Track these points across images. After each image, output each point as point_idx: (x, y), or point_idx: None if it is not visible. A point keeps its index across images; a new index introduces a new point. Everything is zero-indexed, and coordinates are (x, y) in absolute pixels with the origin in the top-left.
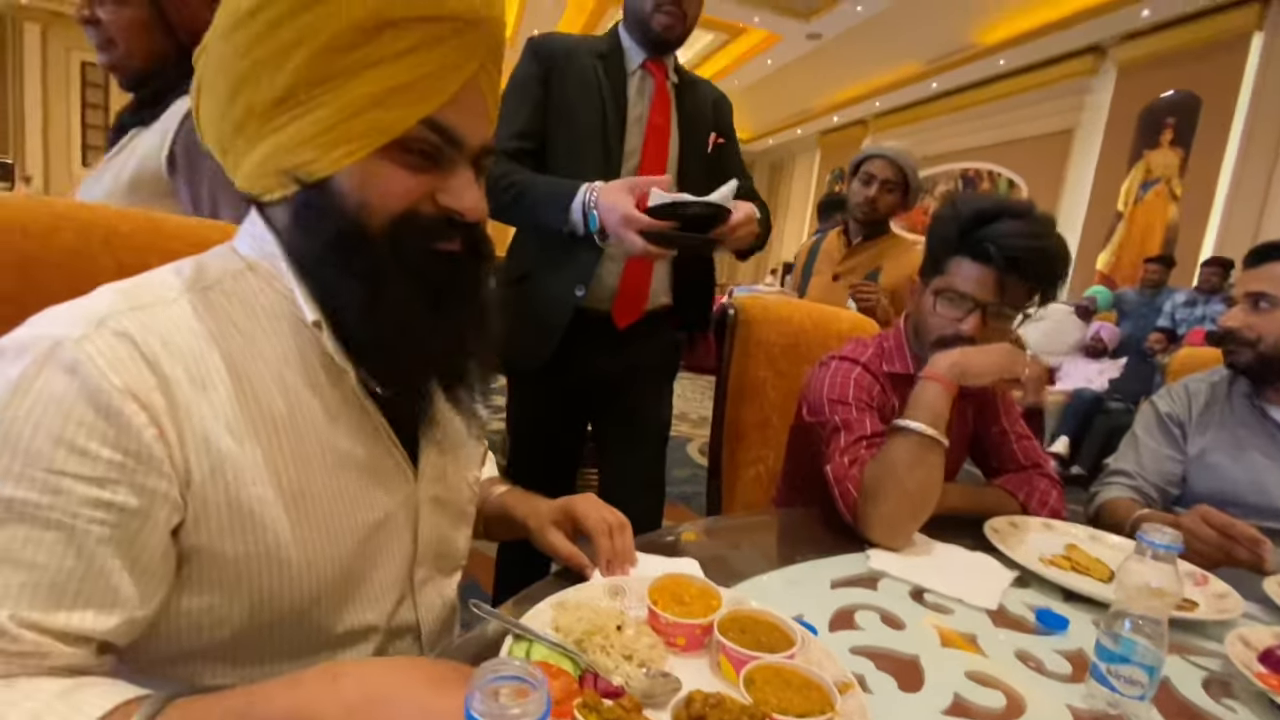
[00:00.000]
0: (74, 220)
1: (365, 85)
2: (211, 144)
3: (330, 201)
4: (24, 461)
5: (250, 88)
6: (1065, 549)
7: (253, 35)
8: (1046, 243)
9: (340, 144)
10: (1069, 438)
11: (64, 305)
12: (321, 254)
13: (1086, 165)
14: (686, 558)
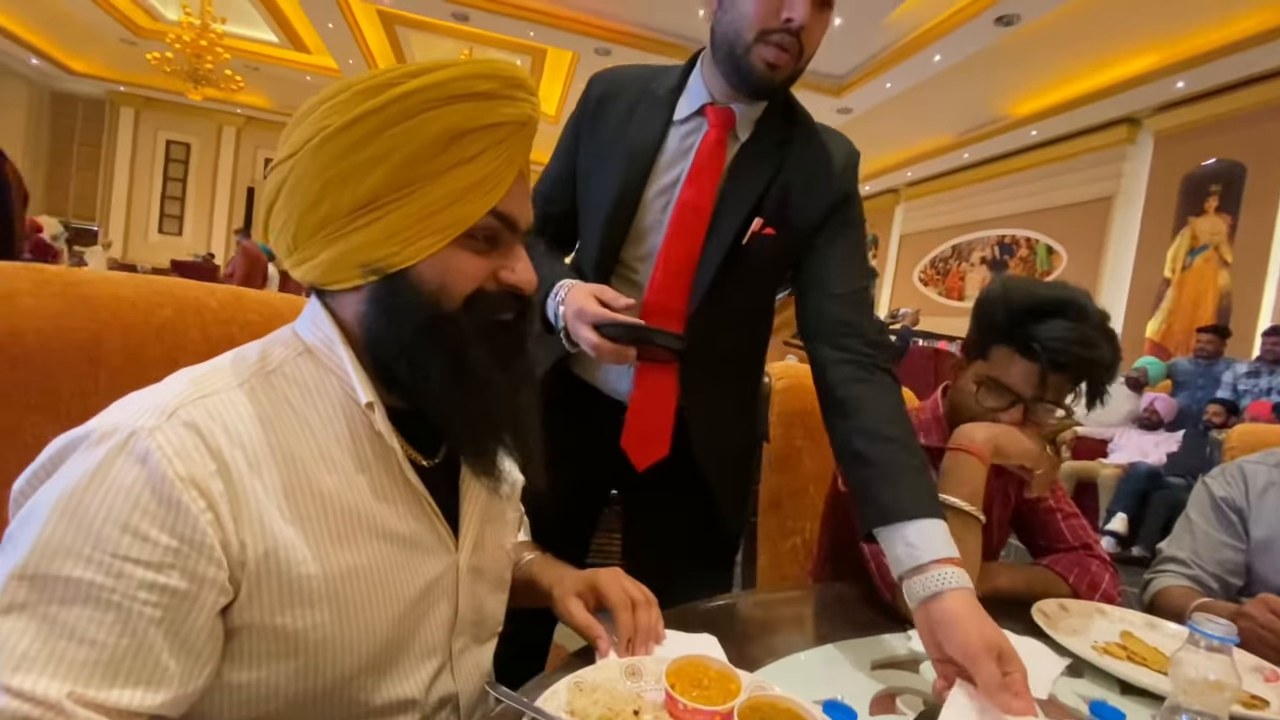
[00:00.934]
0: (172, 296)
1: (443, 187)
2: (280, 244)
3: (411, 288)
4: (93, 545)
5: (334, 194)
6: (1121, 636)
7: (341, 149)
8: (1097, 353)
9: (421, 238)
10: (1126, 515)
11: (145, 393)
12: (405, 335)
13: (1129, 232)
14: (705, 634)
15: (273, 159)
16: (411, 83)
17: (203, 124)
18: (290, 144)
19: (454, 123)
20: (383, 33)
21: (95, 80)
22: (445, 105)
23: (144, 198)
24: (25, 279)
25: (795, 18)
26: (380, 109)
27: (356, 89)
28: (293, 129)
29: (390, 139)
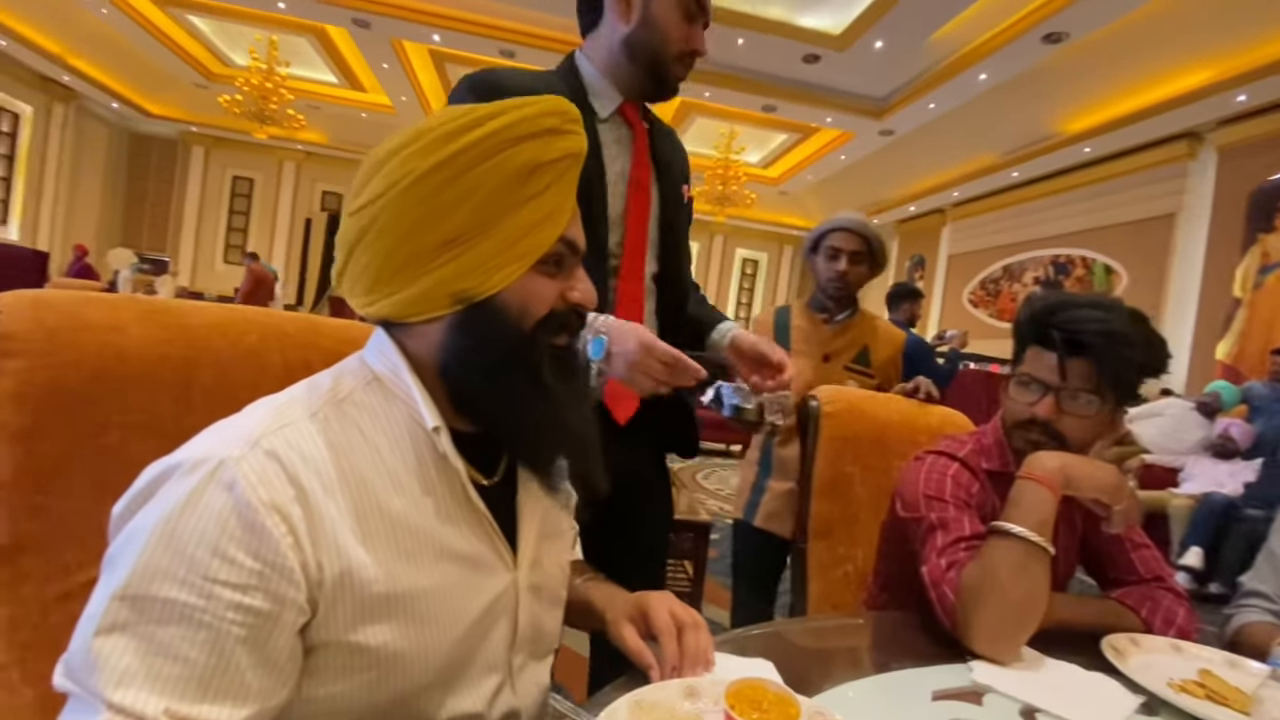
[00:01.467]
0: (257, 324)
1: (521, 219)
2: (357, 286)
3: (498, 313)
4: (186, 568)
5: (422, 234)
6: (1199, 674)
7: (427, 192)
8: (1114, 329)
9: (504, 267)
10: (1202, 549)
11: (231, 422)
12: (492, 357)
13: (1194, 250)
14: (761, 659)
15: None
16: (489, 125)
17: (266, 160)
18: (370, 191)
19: (527, 159)
20: (434, 71)
21: (170, 122)
22: (520, 144)
23: (211, 230)
24: (132, 310)
25: (701, 50)
26: (463, 152)
27: (437, 134)
28: (369, 177)
29: (473, 179)
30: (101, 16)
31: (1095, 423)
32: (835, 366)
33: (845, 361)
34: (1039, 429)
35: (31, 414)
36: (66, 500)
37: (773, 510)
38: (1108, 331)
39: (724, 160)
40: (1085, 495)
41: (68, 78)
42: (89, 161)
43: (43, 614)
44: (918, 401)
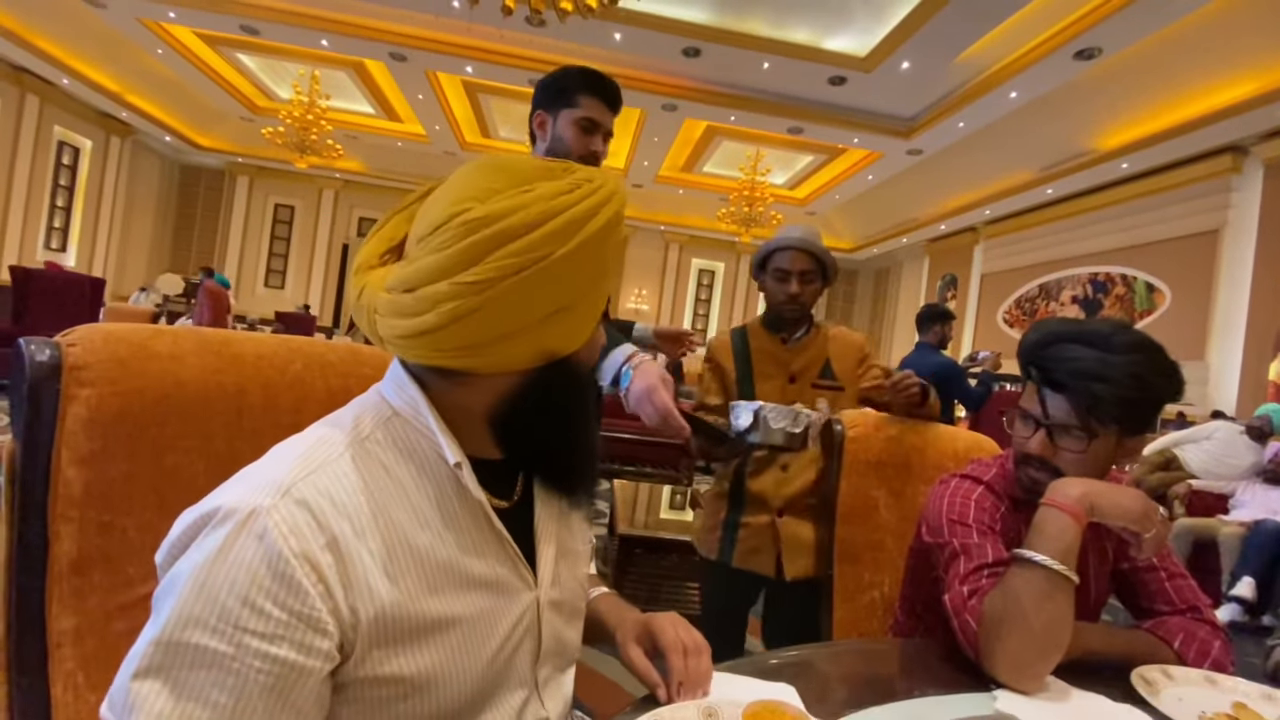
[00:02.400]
0: (302, 354)
1: (604, 288)
2: (439, 346)
3: (576, 366)
4: (218, 616)
5: (540, 306)
6: (1232, 708)
7: (557, 274)
8: (1082, 363)
9: (586, 326)
10: (1254, 579)
11: (261, 468)
12: (566, 403)
13: (1241, 267)
14: (783, 683)
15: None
16: (603, 214)
17: (305, 188)
18: (498, 266)
19: (619, 240)
20: (466, 101)
21: (217, 153)
22: (616, 228)
23: (254, 255)
24: (192, 341)
25: (600, 152)
26: (594, 237)
27: (567, 218)
28: (487, 250)
29: (592, 261)
30: (157, 56)
31: (1093, 456)
32: (803, 385)
33: (812, 378)
34: (1036, 463)
35: (101, 438)
36: (129, 517)
37: (752, 547)
38: (1080, 370)
39: (749, 181)
40: (1112, 523)
41: (125, 114)
42: (142, 191)
43: (106, 623)
44: (943, 424)
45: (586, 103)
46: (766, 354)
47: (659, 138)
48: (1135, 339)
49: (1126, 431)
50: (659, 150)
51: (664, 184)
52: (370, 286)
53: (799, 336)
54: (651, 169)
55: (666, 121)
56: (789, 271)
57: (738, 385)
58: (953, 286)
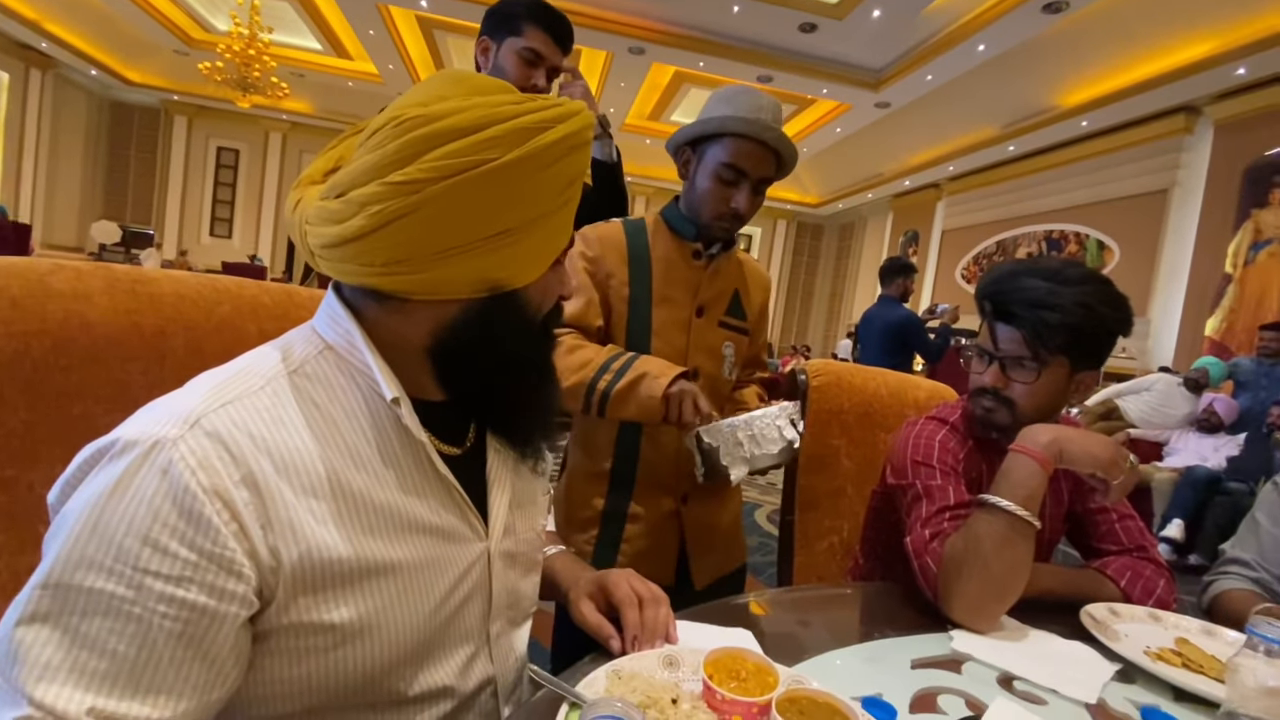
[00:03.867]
0: (230, 295)
1: (559, 220)
2: (369, 258)
3: (523, 304)
4: (114, 557)
5: (481, 222)
6: (1175, 642)
7: (498, 185)
8: (1034, 293)
9: (538, 261)
10: (1183, 521)
11: (168, 399)
12: (511, 344)
13: (1186, 226)
14: (739, 628)
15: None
16: (559, 129)
17: (250, 130)
18: (428, 167)
19: (577, 167)
20: (421, 39)
21: (150, 90)
22: (573, 152)
23: (196, 202)
24: (99, 278)
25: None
26: (544, 150)
27: (518, 125)
28: (423, 148)
29: (540, 180)
30: None
31: (1044, 388)
32: (709, 322)
33: (720, 315)
34: (989, 395)
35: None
36: (33, 472)
37: (644, 548)
38: (1030, 299)
39: None
40: (1080, 469)
41: (45, 44)
42: (69, 131)
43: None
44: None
45: (531, 33)
46: (671, 268)
47: (625, 83)
48: (1085, 272)
49: (1077, 364)
50: (626, 96)
51: (631, 133)
52: (306, 199)
53: (714, 253)
54: (618, 117)
55: (634, 65)
56: (744, 173)
57: (629, 309)
58: (914, 243)
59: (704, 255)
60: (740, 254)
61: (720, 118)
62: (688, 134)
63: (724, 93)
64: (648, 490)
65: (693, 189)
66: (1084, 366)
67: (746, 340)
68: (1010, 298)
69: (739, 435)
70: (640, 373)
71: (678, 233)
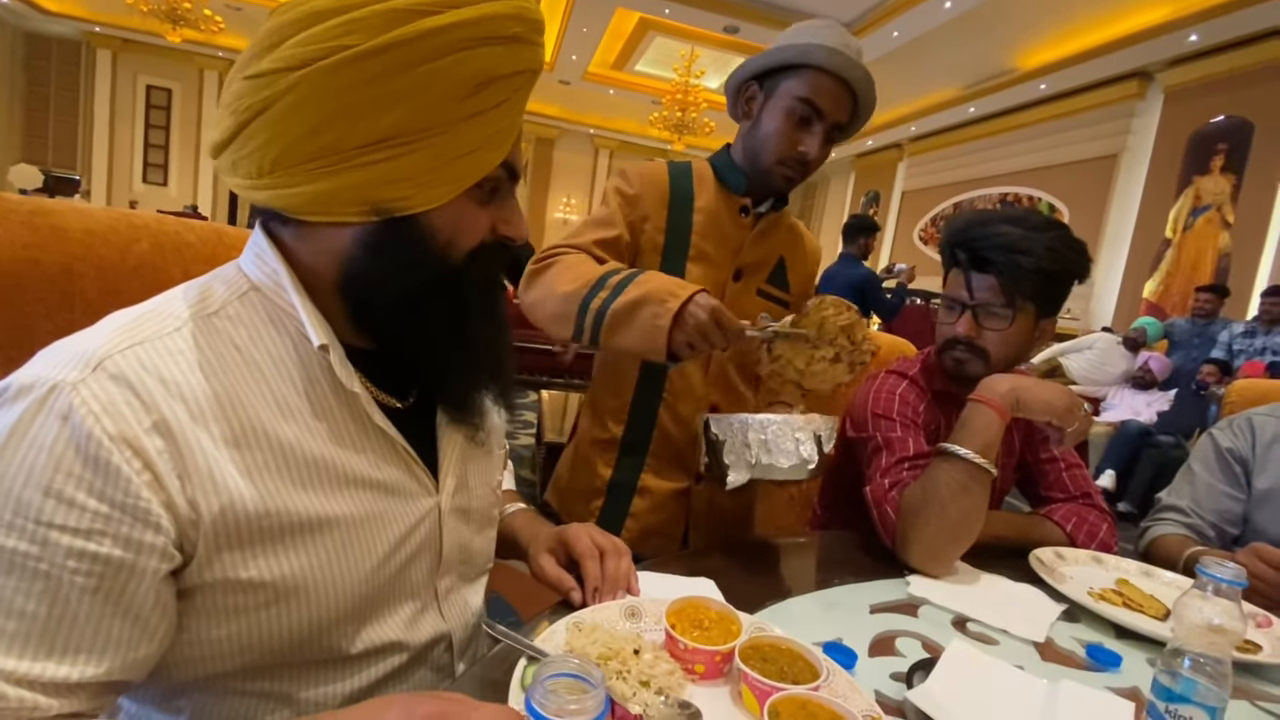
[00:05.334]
0: (150, 231)
1: (465, 134)
2: (244, 167)
3: (422, 236)
4: (13, 510)
5: (344, 125)
6: (1116, 584)
7: (361, 77)
8: (1008, 238)
9: (436, 185)
10: (1115, 472)
11: (68, 341)
12: (409, 283)
13: (1132, 191)
14: (702, 578)
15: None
16: (449, 15)
17: (184, 68)
18: (283, 55)
19: (484, 67)
20: None
21: (69, 20)
22: (479, 47)
23: (126, 146)
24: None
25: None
26: (413, 40)
27: (386, 7)
28: (283, 36)
29: (420, 76)
30: None
31: (1015, 335)
32: (747, 288)
33: (760, 282)
34: (962, 346)
35: None
36: None
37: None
38: (1005, 245)
39: (683, 84)
40: (1036, 417)
41: None
42: None
43: None
44: None
45: None
46: (714, 222)
47: (588, 28)
48: (1048, 219)
49: (1042, 310)
50: (588, 43)
51: (593, 82)
52: None
53: (764, 211)
54: (580, 64)
55: (597, 9)
56: (820, 113)
57: (662, 259)
58: (875, 203)
59: (751, 212)
60: (793, 219)
61: (803, 45)
62: (758, 64)
63: (804, 25)
64: (661, 463)
65: (756, 129)
66: (1047, 313)
67: (787, 312)
68: (986, 243)
69: (749, 436)
70: (645, 289)
71: (726, 184)
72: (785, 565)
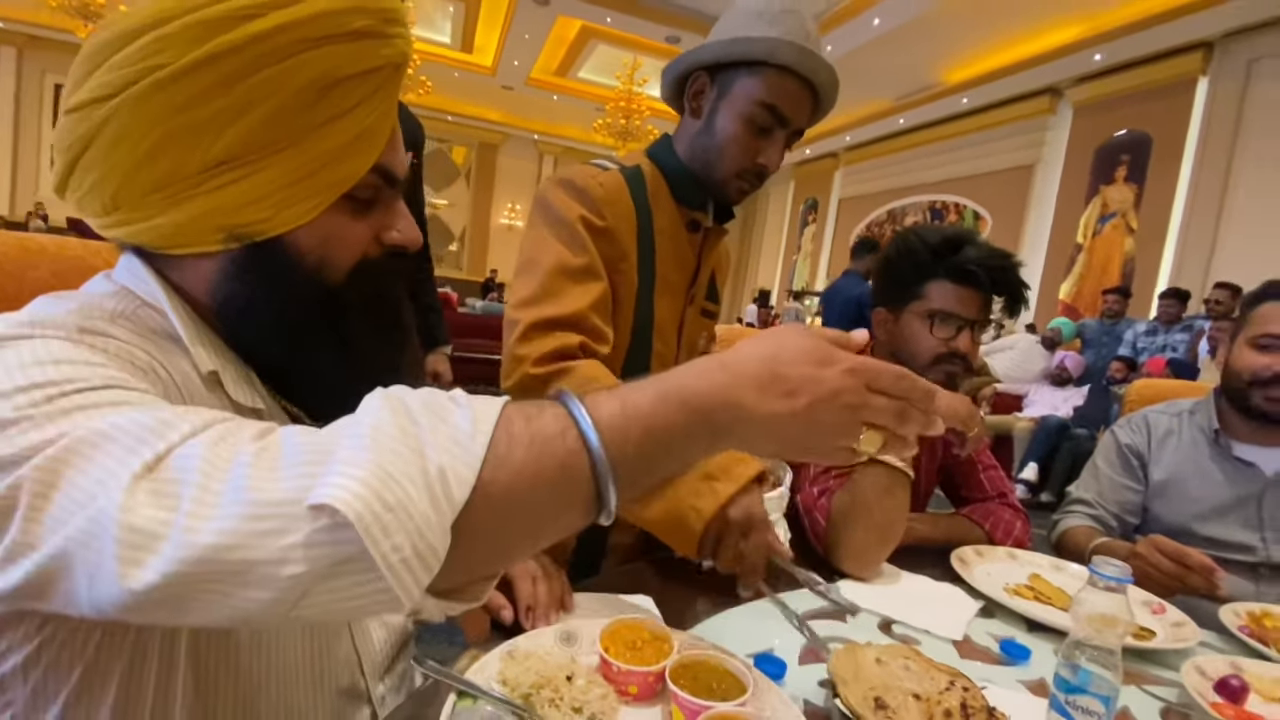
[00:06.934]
0: (47, 256)
1: (319, 144)
2: (89, 203)
3: (288, 259)
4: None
5: (177, 150)
6: (1029, 579)
7: (184, 97)
8: (1011, 259)
9: (295, 202)
10: (1037, 464)
11: None
12: (281, 310)
13: (1047, 199)
14: (641, 595)
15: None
16: (274, 17)
17: None
18: (97, 84)
19: (327, 68)
20: None
21: None
22: (316, 47)
23: (32, 148)
24: None
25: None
26: (236, 50)
27: (197, 18)
28: (95, 63)
29: (252, 88)
30: None
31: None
32: (695, 309)
33: (702, 302)
34: (960, 360)
35: None
36: None
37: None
38: (1015, 267)
39: (626, 92)
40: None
41: None
42: None
43: None
44: None
45: None
46: (674, 246)
47: (530, 35)
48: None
49: None
50: (530, 49)
51: (536, 87)
52: None
53: (709, 226)
54: (523, 69)
55: (538, 16)
56: (783, 119)
57: (637, 299)
58: (814, 210)
59: (701, 228)
60: None
61: (767, 40)
62: (711, 54)
63: (762, 4)
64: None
65: (708, 133)
66: None
67: (712, 327)
68: (1013, 274)
69: None
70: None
71: (679, 196)
72: (722, 578)
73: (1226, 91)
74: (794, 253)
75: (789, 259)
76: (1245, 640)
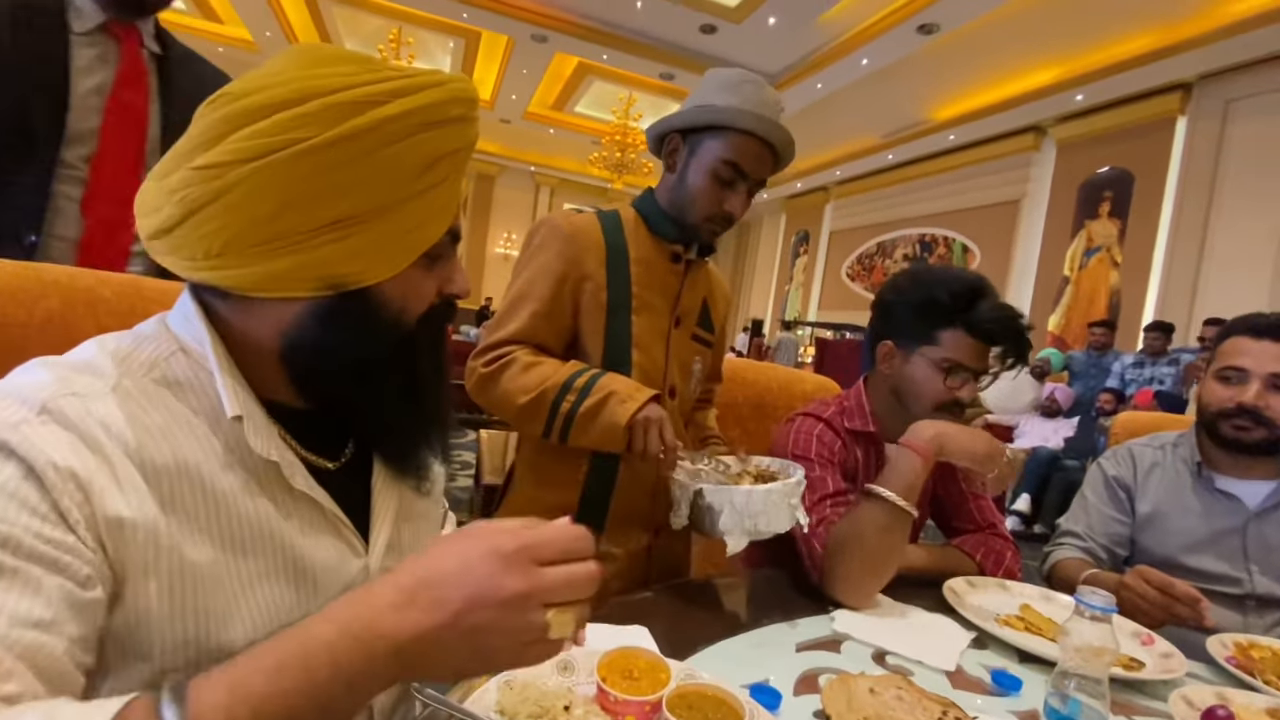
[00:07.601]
0: (60, 287)
1: (416, 210)
2: (190, 250)
3: (376, 306)
4: None
5: (301, 210)
6: (1019, 609)
7: (319, 167)
8: (1026, 323)
9: (388, 258)
10: (1030, 496)
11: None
12: (363, 352)
13: (1034, 233)
14: (636, 625)
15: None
16: (398, 104)
17: None
18: (232, 148)
19: (434, 149)
20: (303, 4)
21: None
22: (426, 130)
23: None
24: None
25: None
26: (369, 130)
27: (337, 101)
28: (229, 128)
29: (375, 161)
30: None
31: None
32: (684, 334)
33: (692, 326)
34: (960, 407)
35: None
36: None
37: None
38: (1027, 329)
39: (622, 126)
40: (959, 462)
41: None
42: None
43: None
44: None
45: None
46: (651, 273)
47: (528, 70)
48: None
49: None
50: (528, 84)
51: (533, 121)
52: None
53: (692, 258)
54: (520, 104)
55: (536, 53)
56: (744, 174)
57: (608, 316)
58: (805, 242)
59: (683, 259)
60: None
61: (731, 109)
62: (682, 120)
63: (725, 77)
64: (620, 528)
65: (681, 185)
66: None
67: (710, 354)
68: (1024, 335)
69: (749, 505)
70: (606, 392)
71: (657, 232)
72: (717, 607)
73: (1205, 131)
74: (786, 283)
75: (781, 289)
76: (1232, 671)
